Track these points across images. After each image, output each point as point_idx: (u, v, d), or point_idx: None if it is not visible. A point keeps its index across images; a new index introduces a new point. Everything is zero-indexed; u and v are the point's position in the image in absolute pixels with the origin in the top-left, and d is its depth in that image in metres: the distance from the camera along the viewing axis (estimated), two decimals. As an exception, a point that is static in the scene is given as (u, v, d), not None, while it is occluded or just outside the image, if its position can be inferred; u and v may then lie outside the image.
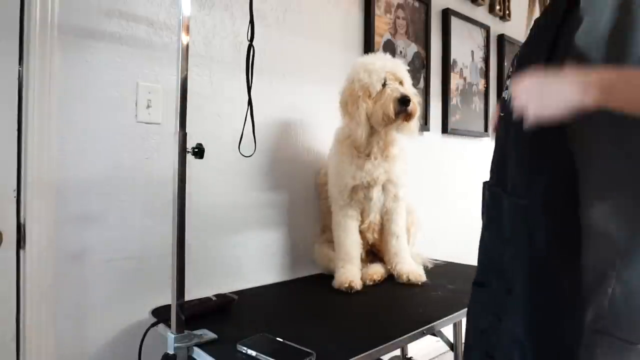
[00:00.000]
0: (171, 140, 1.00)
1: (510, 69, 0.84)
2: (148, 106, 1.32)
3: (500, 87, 2.80)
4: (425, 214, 1.85)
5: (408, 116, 1.39)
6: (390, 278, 1.56)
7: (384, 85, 1.39)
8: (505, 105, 0.80)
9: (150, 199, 1.32)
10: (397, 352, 1.81)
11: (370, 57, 1.47)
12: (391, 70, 1.41)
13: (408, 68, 1.49)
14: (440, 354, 2.26)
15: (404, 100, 1.36)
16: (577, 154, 0.66)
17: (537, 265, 0.70)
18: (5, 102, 1.10)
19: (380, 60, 1.43)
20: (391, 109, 1.36)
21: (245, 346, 0.95)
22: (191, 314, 1.07)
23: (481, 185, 0.90)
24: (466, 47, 2.52)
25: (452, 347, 1.50)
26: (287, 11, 1.67)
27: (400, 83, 1.42)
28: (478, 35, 2.62)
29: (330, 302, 1.34)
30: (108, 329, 1.25)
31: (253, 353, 0.93)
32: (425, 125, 2.25)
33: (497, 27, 2.78)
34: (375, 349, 0.99)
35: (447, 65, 2.39)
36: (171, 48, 1.36)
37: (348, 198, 1.50)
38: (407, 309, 1.31)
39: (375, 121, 1.40)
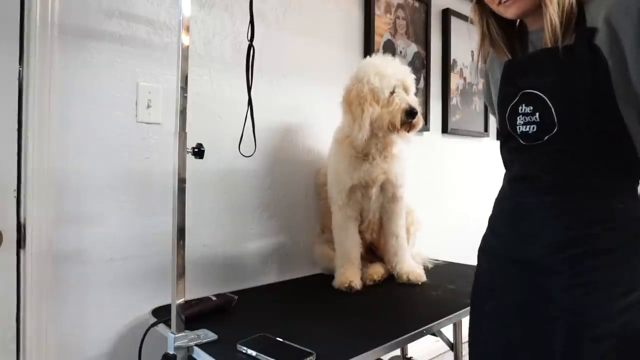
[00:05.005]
0: (171, 140, 1.00)
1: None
2: (148, 106, 1.32)
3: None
4: (425, 213, 1.85)
5: (411, 127, 1.40)
6: (390, 278, 1.56)
7: (392, 92, 1.39)
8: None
9: (150, 199, 1.32)
10: (397, 352, 1.81)
11: (381, 60, 1.45)
12: (402, 78, 1.41)
13: (415, 77, 1.48)
14: (440, 354, 2.26)
15: (411, 113, 1.37)
16: None
17: None
18: (5, 101, 1.10)
19: (391, 66, 1.42)
20: (398, 119, 1.36)
21: (245, 346, 0.95)
22: (191, 314, 1.07)
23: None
24: (466, 47, 2.52)
25: (452, 347, 1.50)
26: (287, 11, 1.67)
27: (406, 91, 1.43)
28: (478, 35, 2.62)
29: (330, 302, 1.34)
30: (108, 329, 1.25)
31: (253, 353, 0.93)
32: (425, 125, 2.24)
33: (497, 27, 2.77)
34: (375, 349, 0.99)
35: (447, 65, 2.39)
36: (171, 48, 1.36)
37: (347, 198, 1.49)
38: (407, 309, 1.31)
39: (378, 127, 1.39)
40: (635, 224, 0.78)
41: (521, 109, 0.84)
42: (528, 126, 0.83)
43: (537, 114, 0.81)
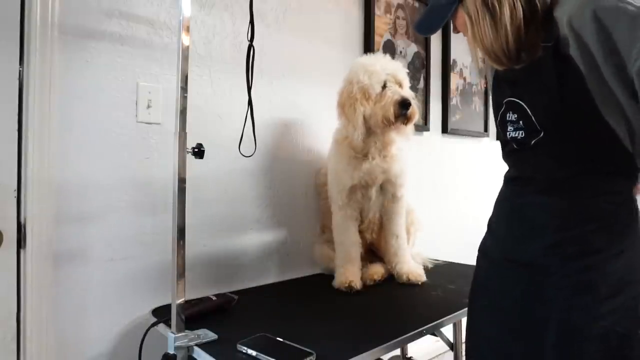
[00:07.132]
0: (171, 140, 1.00)
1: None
2: (148, 106, 1.32)
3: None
4: (425, 213, 1.85)
5: (407, 120, 1.39)
6: (391, 278, 1.56)
7: (383, 87, 1.38)
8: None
9: (150, 199, 1.32)
10: (397, 352, 1.81)
11: (370, 58, 1.45)
12: (392, 72, 1.40)
13: (407, 71, 1.48)
14: (440, 354, 2.26)
15: (404, 104, 1.35)
16: None
17: None
18: (5, 102, 1.10)
19: (380, 62, 1.41)
20: (392, 112, 1.35)
21: (245, 346, 0.95)
22: (191, 314, 1.06)
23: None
24: (466, 47, 2.51)
25: (452, 347, 1.50)
26: (287, 11, 1.67)
27: (400, 85, 1.42)
28: (478, 35, 2.62)
29: (330, 302, 1.34)
30: (108, 329, 1.25)
31: (253, 353, 0.93)
32: (425, 125, 2.25)
33: (497, 27, 2.77)
34: (375, 348, 0.99)
35: (447, 65, 2.40)
36: (171, 48, 1.35)
37: (347, 198, 1.49)
38: (407, 309, 1.31)
39: (373, 123, 1.39)
40: (624, 224, 0.78)
41: (508, 117, 0.87)
42: (517, 132, 0.85)
43: (521, 121, 0.84)
